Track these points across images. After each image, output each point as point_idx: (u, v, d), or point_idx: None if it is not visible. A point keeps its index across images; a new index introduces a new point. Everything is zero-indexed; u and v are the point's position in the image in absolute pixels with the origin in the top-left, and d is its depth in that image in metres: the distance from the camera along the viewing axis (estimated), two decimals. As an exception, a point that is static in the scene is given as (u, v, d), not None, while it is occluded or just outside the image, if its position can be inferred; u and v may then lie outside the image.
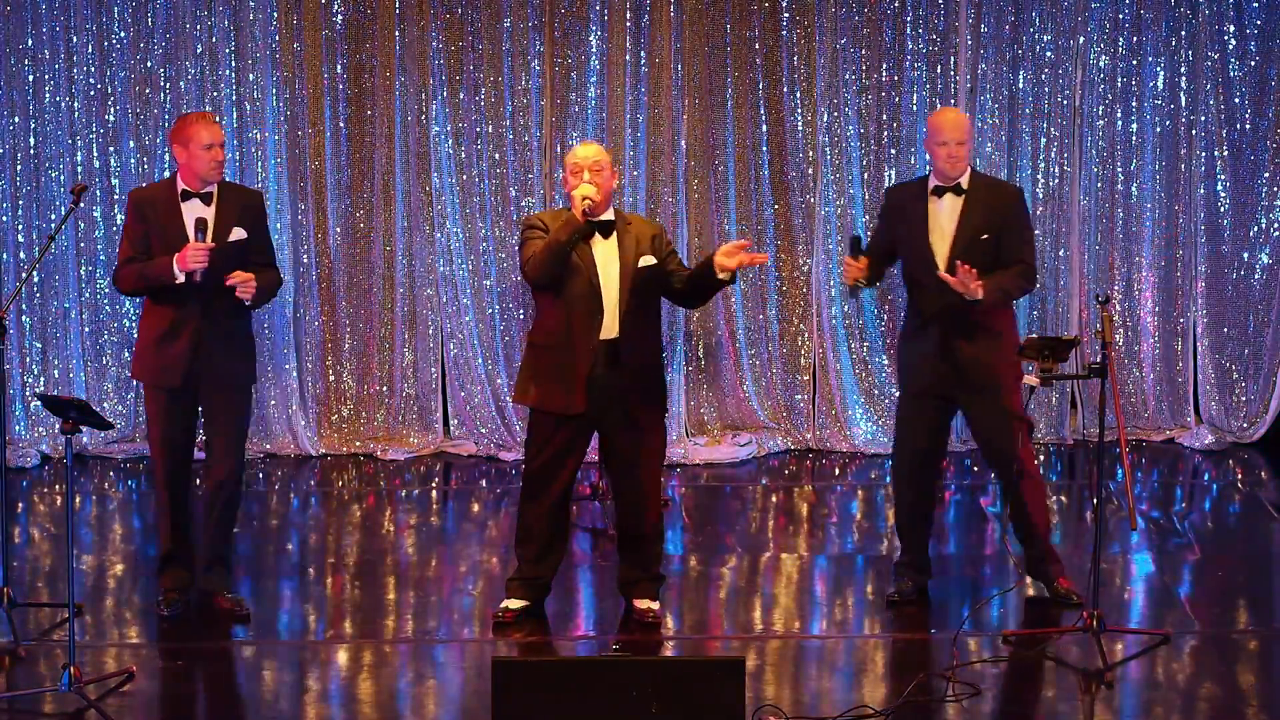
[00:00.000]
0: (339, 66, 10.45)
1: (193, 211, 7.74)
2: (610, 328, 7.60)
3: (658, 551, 7.96)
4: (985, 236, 7.86)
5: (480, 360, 10.62)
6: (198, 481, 8.59)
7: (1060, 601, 8.00)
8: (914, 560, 8.18)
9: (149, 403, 7.95)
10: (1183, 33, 10.56)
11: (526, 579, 7.89)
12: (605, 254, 7.62)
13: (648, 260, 7.65)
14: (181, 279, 7.64)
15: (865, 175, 10.62)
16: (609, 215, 7.67)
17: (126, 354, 10.53)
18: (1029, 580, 8.23)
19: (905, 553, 8.21)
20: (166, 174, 10.38)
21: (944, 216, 7.92)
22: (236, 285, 7.65)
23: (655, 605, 7.89)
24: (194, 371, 7.77)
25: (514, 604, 7.89)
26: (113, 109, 10.37)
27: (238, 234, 7.77)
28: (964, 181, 7.94)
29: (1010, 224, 7.94)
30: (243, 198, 7.92)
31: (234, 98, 10.38)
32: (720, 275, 7.59)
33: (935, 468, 8.18)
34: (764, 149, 10.61)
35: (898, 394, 8.31)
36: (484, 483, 10.23)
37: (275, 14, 10.36)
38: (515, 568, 7.94)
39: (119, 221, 10.43)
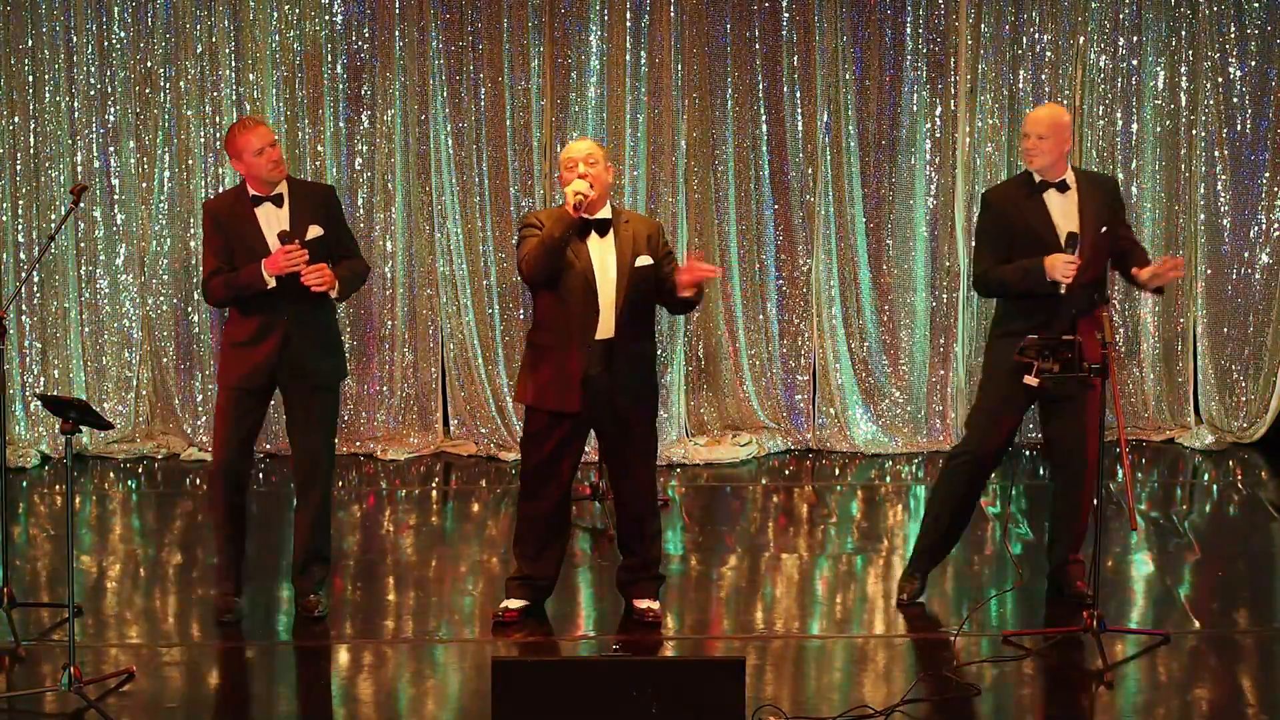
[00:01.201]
0: (339, 66, 10.45)
1: (266, 215, 7.73)
2: (606, 328, 7.58)
3: (657, 551, 7.96)
4: (1104, 230, 7.85)
5: (480, 360, 10.62)
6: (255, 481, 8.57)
7: (1075, 601, 7.96)
8: (932, 559, 8.13)
9: (224, 398, 7.87)
10: (1183, 33, 10.56)
11: (526, 578, 7.89)
12: (602, 253, 7.60)
13: (644, 260, 7.62)
14: (273, 284, 7.63)
15: (865, 175, 10.62)
16: (606, 213, 7.64)
17: (126, 354, 10.54)
18: (1028, 579, 8.23)
19: (925, 551, 8.14)
20: (166, 174, 10.42)
21: (1059, 213, 7.85)
22: (311, 281, 7.63)
23: (655, 605, 7.89)
24: (279, 371, 7.77)
25: (514, 604, 7.89)
26: (113, 109, 10.38)
27: (315, 231, 7.75)
28: (1069, 179, 7.89)
29: (1119, 213, 7.98)
30: (314, 194, 7.91)
31: (234, 98, 10.38)
32: (682, 293, 7.60)
33: (994, 469, 8.14)
34: (764, 149, 10.61)
35: (987, 384, 8.04)
36: (484, 483, 10.23)
37: (275, 14, 10.36)
38: (515, 567, 7.95)
39: (119, 221, 10.44)
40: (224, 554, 7.96)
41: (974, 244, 8.12)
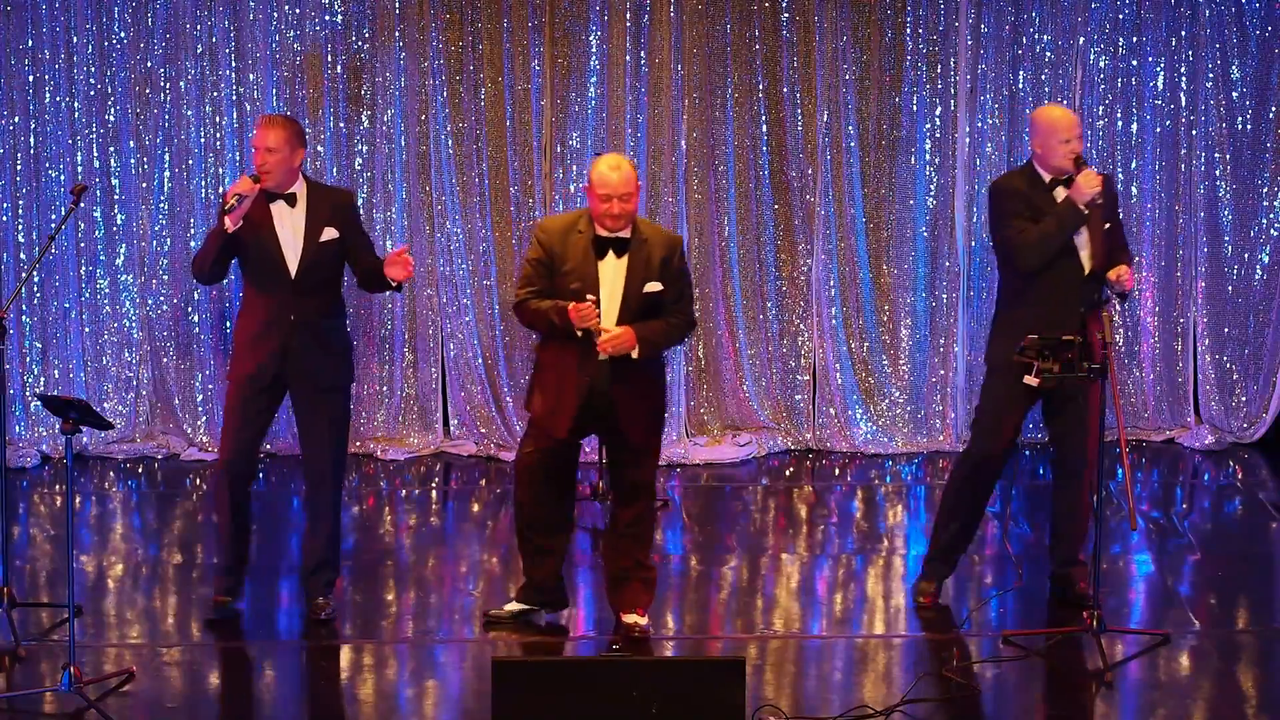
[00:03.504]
0: (339, 66, 10.45)
1: (279, 213, 7.72)
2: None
3: (649, 536, 7.84)
4: (1108, 226, 7.86)
5: (480, 360, 10.62)
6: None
7: (1078, 603, 7.94)
8: (950, 559, 8.11)
9: (231, 396, 7.87)
10: (1183, 33, 10.56)
11: (535, 587, 7.84)
12: (613, 274, 7.47)
13: (654, 286, 7.49)
14: (231, 227, 7.59)
15: (865, 175, 10.62)
16: (626, 233, 7.49)
17: (127, 354, 10.53)
18: (1028, 579, 8.23)
19: (937, 558, 8.12)
20: (166, 174, 10.42)
21: None
22: (397, 267, 7.65)
23: (643, 620, 7.74)
24: (283, 371, 7.75)
25: (514, 606, 7.86)
26: (113, 109, 10.37)
27: (328, 234, 7.75)
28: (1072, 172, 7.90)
29: (1116, 211, 8.00)
30: (331, 198, 7.89)
31: (234, 98, 10.38)
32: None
33: (1003, 467, 8.12)
34: (764, 149, 10.61)
35: (992, 381, 8.01)
36: (484, 482, 10.23)
37: (275, 14, 10.36)
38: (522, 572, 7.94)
39: (119, 221, 10.44)
40: (225, 552, 7.94)
41: (998, 225, 7.95)
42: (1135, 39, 10.57)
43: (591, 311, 7.37)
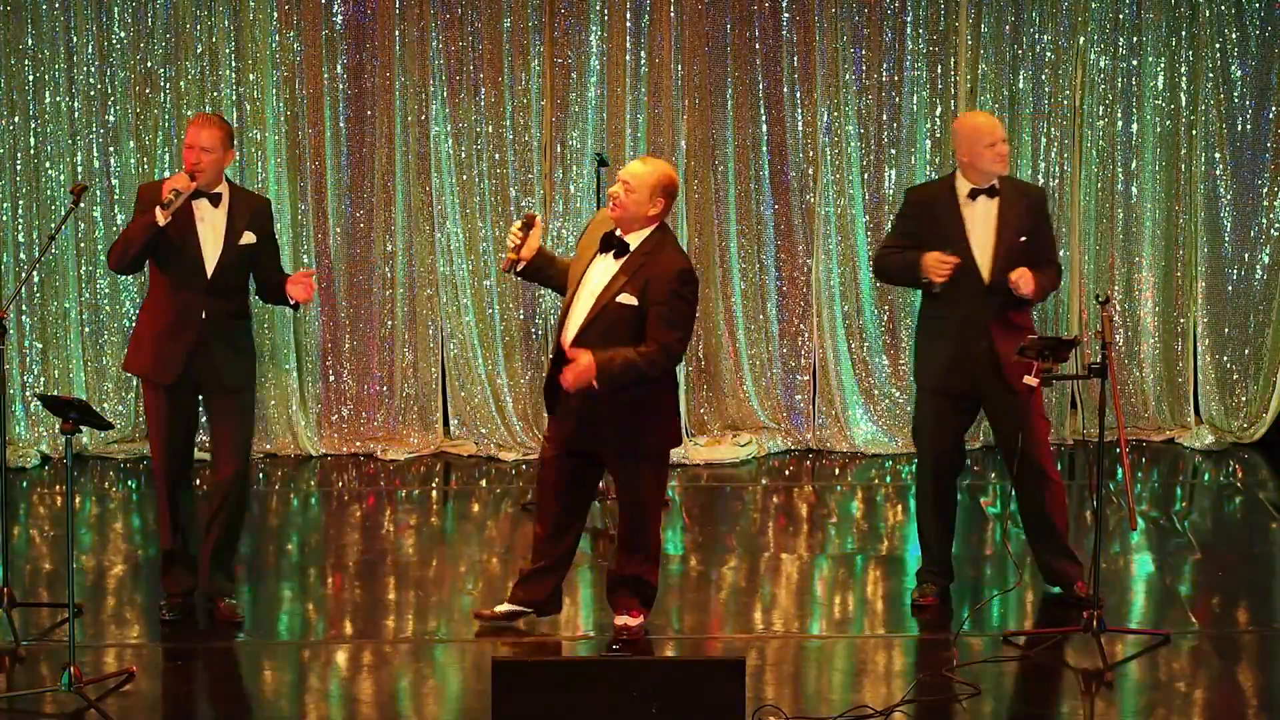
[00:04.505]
0: (339, 66, 10.45)
1: (201, 211, 7.73)
2: (568, 340, 7.39)
3: (641, 547, 7.76)
4: (1023, 239, 7.84)
5: (480, 360, 10.62)
6: (198, 483, 8.61)
7: (1079, 604, 7.93)
8: (938, 566, 8.13)
9: (147, 397, 7.95)
10: (1183, 33, 10.56)
11: (525, 602, 7.84)
12: (602, 272, 7.39)
13: (627, 299, 7.29)
14: (163, 221, 7.59)
15: (865, 175, 10.62)
16: (635, 240, 7.38)
17: (126, 354, 10.53)
18: (1028, 579, 8.23)
19: (928, 558, 8.14)
20: (166, 174, 10.40)
21: (979, 220, 7.86)
22: (299, 287, 7.75)
23: (632, 622, 7.68)
24: (191, 371, 7.76)
25: (503, 608, 7.84)
26: (113, 109, 10.37)
27: (247, 238, 7.78)
28: (995, 182, 7.90)
29: (1040, 225, 7.97)
30: (252, 203, 7.93)
31: (234, 98, 10.38)
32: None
33: (959, 470, 8.14)
34: (764, 149, 10.60)
35: (918, 394, 8.19)
36: (484, 483, 10.23)
37: (275, 14, 10.36)
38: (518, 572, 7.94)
39: (119, 221, 10.43)
40: (170, 552, 7.95)
41: (889, 230, 8.18)
42: (1135, 39, 10.57)
43: (514, 233, 7.43)
